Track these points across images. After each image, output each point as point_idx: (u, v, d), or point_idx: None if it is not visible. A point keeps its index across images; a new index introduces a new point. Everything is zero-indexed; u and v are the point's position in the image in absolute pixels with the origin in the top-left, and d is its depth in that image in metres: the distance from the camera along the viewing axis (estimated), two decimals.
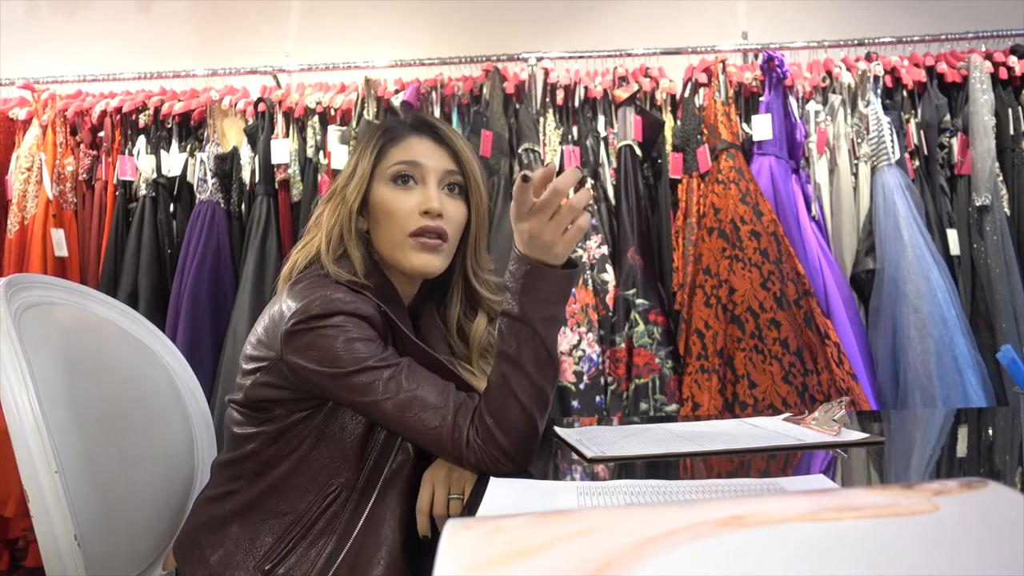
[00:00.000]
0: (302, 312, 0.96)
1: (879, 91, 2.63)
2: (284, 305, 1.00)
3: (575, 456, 1.08)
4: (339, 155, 2.62)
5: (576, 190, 0.93)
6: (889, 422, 1.49)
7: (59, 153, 2.76)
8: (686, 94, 2.68)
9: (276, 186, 2.64)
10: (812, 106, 2.65)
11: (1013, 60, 2.64)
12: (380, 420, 0.97)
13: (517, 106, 2.64)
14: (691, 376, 2.35)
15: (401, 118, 1.17)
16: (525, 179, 0.92)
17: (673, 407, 2.35)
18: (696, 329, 2.38)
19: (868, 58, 2.70)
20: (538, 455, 1.05)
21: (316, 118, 2.69)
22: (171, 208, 2.68)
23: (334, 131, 2.65)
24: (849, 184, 2.60)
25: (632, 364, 2.39)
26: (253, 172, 2.66)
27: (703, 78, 2.67)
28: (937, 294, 2.36)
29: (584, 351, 2.38)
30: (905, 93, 2.67)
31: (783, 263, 2.38)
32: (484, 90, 2.67)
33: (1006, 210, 2.55)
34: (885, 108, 2.61)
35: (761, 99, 2.61)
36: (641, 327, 2.40)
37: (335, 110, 2.71)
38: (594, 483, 0.94)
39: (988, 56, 2.64)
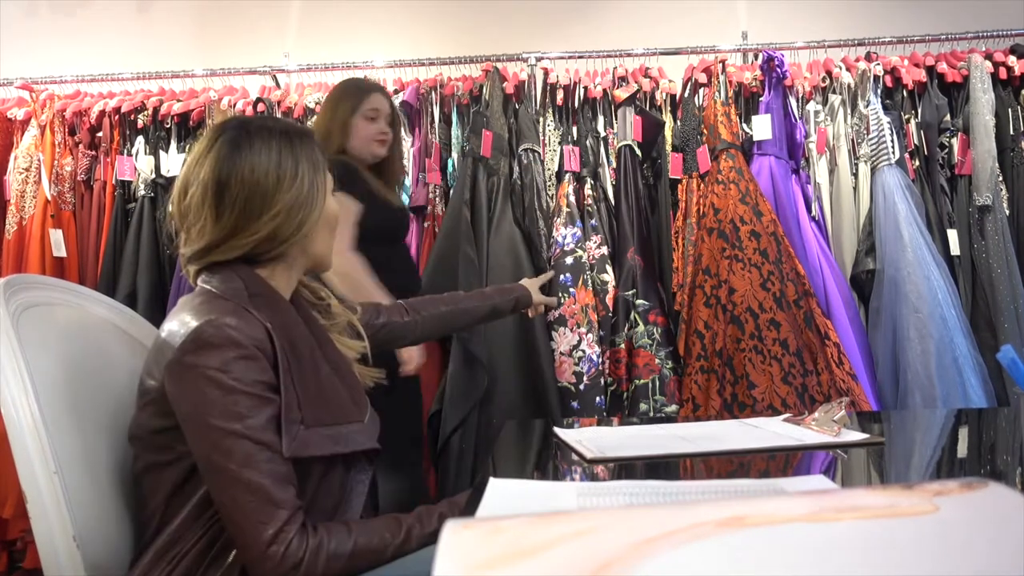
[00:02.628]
0: (191, 341, 0.95)
1: (879, 91, 2.63)
2: (177, 324, 0.98)
3: (575, 457, 1.08)
4: None
5: None
6: (889, 423, 1.49)
7: (57, 153, 2.75)
8: (686, 94, 2.68)
9: None
10: (812, 106, 2.65)
11: (1013, 60, 2.64)
12: (215, 482, 0.94)
13: (517, 106, 2.64)
14: (691, 377, 2.35)
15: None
16: None
17: (673, 408, 2.35)
18: (696, 330, 2.38)
19: (868, 58, 2.70)
20: (538, 456, 1.05)
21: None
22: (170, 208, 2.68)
23: None
24: (849, 184, 2.60)
25: (632, 365, 2.39)
26: None
27: (703, 78, 2.67)
28: (937, 294, 2.36)
29: (584, 352, 2.38)
30: (905, 93, 2.67)
31: (783, 263, 2.38)
32: (484, 90, 2.66)
33: (1005, 210, 2.55)
34: (885, 108, 2.60)
35: (761, 99, 2.61)
36: (641, 327, 2.39)
37: None
38: (594, 484, 0.94)
39: (988, 56, 2.64)
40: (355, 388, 1.13)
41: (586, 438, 1.16)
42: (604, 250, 2.49)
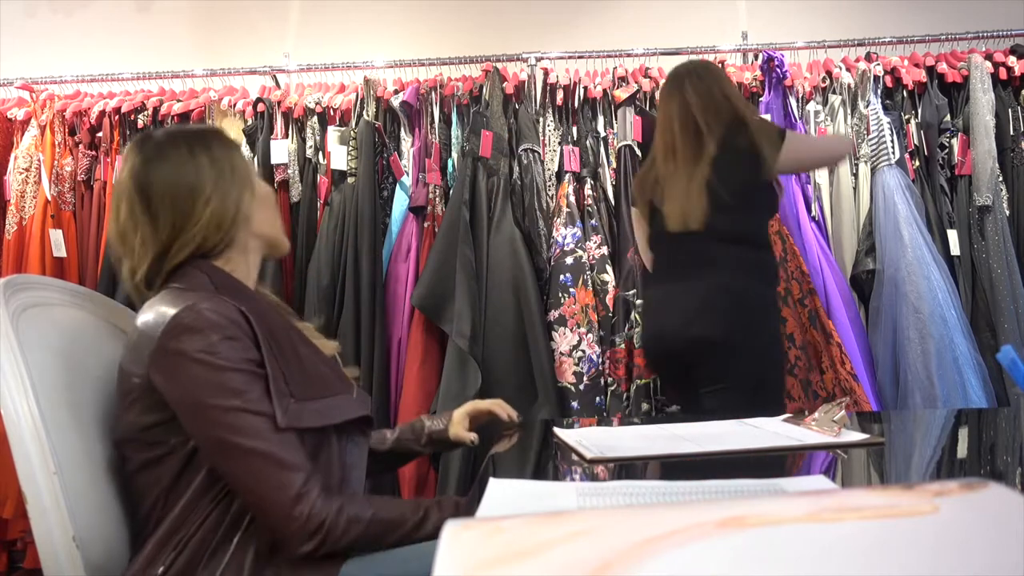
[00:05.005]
0: (172, 328, 0.96)
1: (879, 91, 2.63)
2: (151, 318, 1.00)
3: (575, 457, 1.08)
4: (338, 155, 2.62)
5: None
6: (889, 423, 1.49)
7: (57, 153, 2.75)
8: None
9: (275, 187, 2.64)
10: (812, 106, 2.65)
11: (1013, 60, 2.64)
12: (226, 459, 0.95)
13: (517, 106, 2.64)
14: None
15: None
16: None
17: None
18: None
19: (868, 58, 2.70)
20: (538, 456, 1.05)
21: (315, 118, 2.69)
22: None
23: (333, 131, 2.65)
24: (849, 184, 2.59)
25: (633, 365, 2.38)
26: None
27: None
28: (937, 295, 2.35)
29: (584, 352, 2.38)
30: (905, 93, 2.67)
31: (788, 262, 2.38)
32: (484, 90, 2.66)
33: (1006, 210, 2.55)
34: (885, 108, 2.60)
35: (761, 99, 2.61)
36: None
37: (334, 110, 2.71)
38: (594, 484, 0.94)
39: (988, 56, 2.64)
40: (338, 370, 1.15)
41: (586, 438, 1.16)
42: (604, 250, 2.49)
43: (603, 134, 2.63)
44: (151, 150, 1.09)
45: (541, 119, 2.64)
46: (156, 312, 0.99)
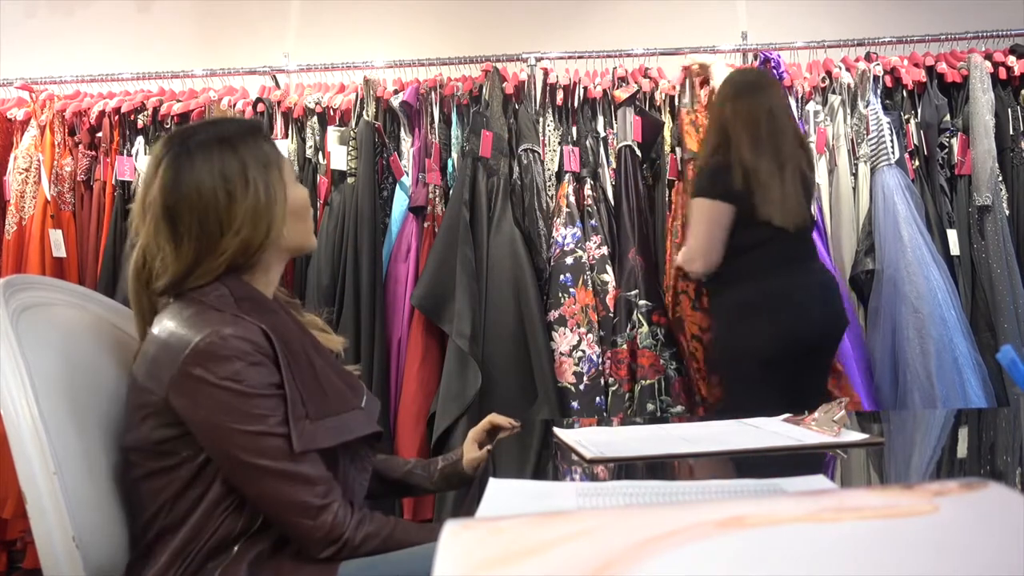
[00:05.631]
0: (195, 354, 0.96)
1: (879, 91, 2.63)
2: (172, 336, 0.99)
3: (574, 457, 1.08)
4: (338, 155, 2.62)
5: None
6: (889, 423, 1.49)
7: (57, 153, 2.75)
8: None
9: None
10: (812, 106, 2.64)
11: (1013, 60, 2.64)
12: (250, 479, 0.97)
13: (517, 106, 2.64)
14: (699, 374, 2.35)
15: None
16: None
17: (679, 408, 2.34)
18: (693, 335, 2.36)
19: (868, 58, 2.69)
20: (538, 456, 1.05)
21: (315, 118, 2.69)
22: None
23: (333, 131, 2.65)
24: (849, 184, 2.59)
25: (637, 365, 2.38)
26: None
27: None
28: (937, 295, 2.35)
29: (584, 352, 2.37)
30: (905, 93, 2.66)
31: None
32: (484, 90, 2.66)
33: (1005, 210, 2.55)
34: (885, 108, 2.60)
35: None
36: (645, 328, 2.39)
37: (334, 110, 2.71)
38: (593, 484, 0.94)
39: (988, 56, 2.64)
40: (347, 375, 1.15)
41: (586, 438, 1.16)
42: (604, 250, 2.49)
43: (603, 134, 2.63)
44: (183, 161, 1.04)
45: (541, 119, 2.64)
46: (175, 329, 0.99)
